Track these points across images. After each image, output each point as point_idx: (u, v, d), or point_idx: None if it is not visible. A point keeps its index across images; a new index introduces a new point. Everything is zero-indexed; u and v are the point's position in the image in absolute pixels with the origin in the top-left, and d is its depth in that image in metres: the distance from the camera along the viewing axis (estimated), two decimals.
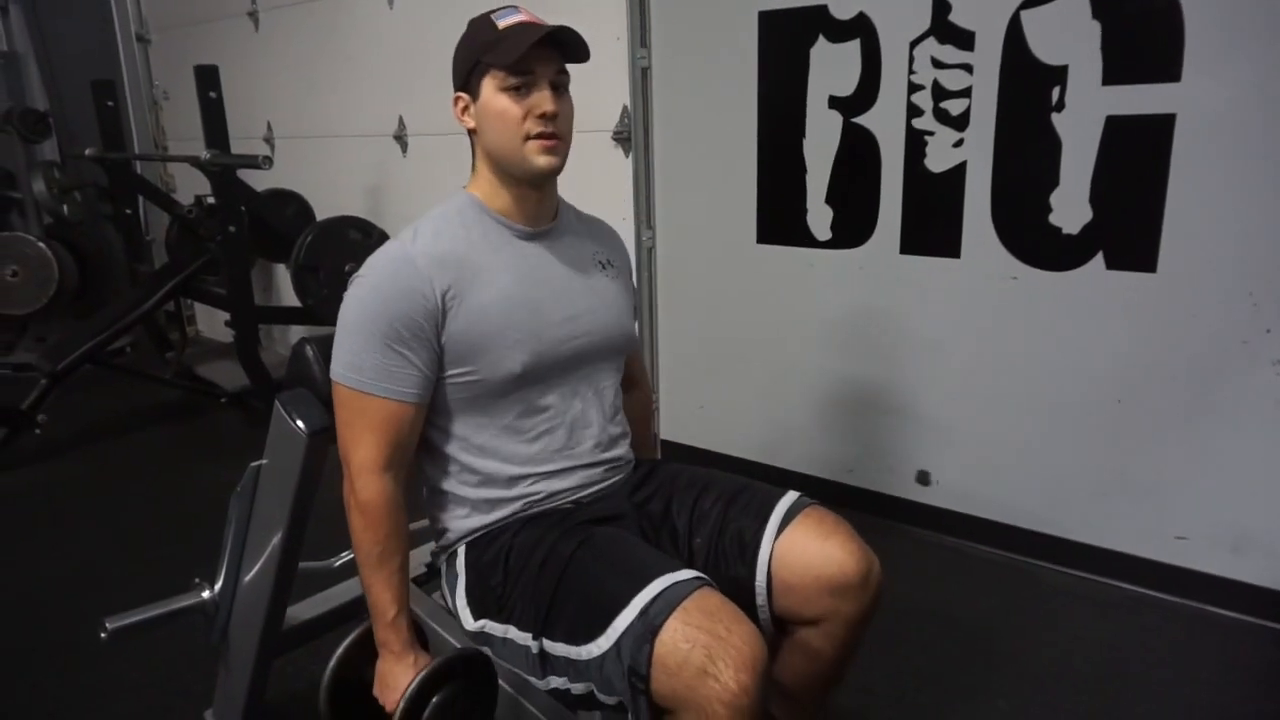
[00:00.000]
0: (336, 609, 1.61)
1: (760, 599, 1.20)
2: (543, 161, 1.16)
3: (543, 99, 1.14)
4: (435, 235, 1.18)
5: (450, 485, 1.24)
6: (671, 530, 1.28)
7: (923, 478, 2.41)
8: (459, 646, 1.21)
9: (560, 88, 1.17)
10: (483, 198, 1.23)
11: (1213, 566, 2.02)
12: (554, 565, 1.13)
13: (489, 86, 1.16)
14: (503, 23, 1.15)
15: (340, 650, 1.22)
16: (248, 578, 1.41)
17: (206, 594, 1.45)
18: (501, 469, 1.22)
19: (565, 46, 1.15)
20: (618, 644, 1.03)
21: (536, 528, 1.20)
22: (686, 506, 1.28)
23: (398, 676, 1.13)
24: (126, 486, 2.94)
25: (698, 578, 1.06)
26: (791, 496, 1.26)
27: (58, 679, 1.87)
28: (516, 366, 1.17)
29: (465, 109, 1.21)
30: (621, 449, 1.35)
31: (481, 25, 1.18)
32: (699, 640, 0.97)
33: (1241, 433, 1.93)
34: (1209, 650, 1.91)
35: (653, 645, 0.99)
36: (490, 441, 1.21)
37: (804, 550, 1.18)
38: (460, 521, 1.25)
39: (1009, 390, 2.21)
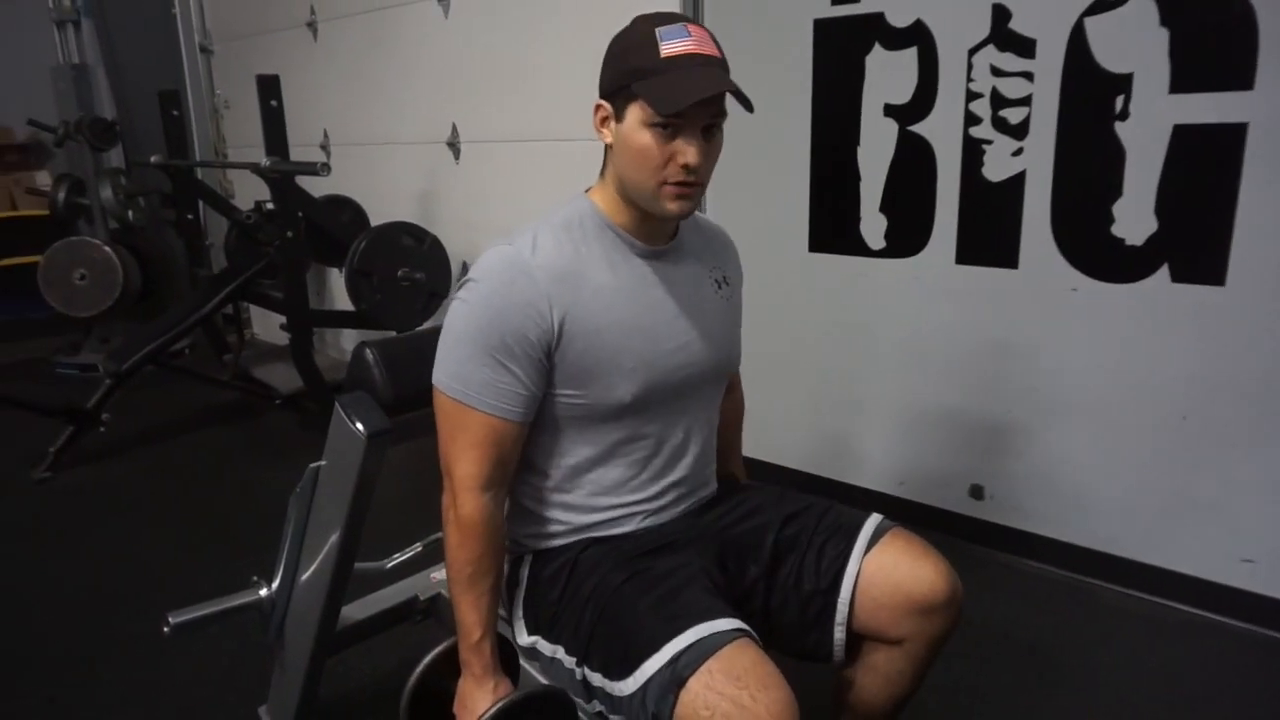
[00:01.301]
0: (389, 610, 1.63)
1: (840, 617, 1.18)
2: (673, 208, 1.08)
3: (689, 149, 1.04)
4: (556, 246, 1.11)
5: (532, 503, 1.22)
6: (747, 547, 1.25)
7: (976, 492, 2.37)
8: (543, 681, 1.20)
9: (713, 128, 1.07)
10: (605, 209, 1.16)
11: None
12: (600, 595, 1.12)
13: (634, 115, 1.05)
14: (667, 48, 1.02)
15: (427, 659, 1.21)
16: (304, 577, 1.43)
17: (264, 592, 1.47)
18: (590, 496, 1.19)
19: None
20: (642, 689, 1.01)
21: (599, 549, 1.18)
22: (766, 523, 1.25)
23: (476, 700, 1.11)
24: (185, 485, 3.01)
25: (737, 629, 1.01)
26: (877, 518, 1.24)
27: (117, 673, 1.91)
28: (627, 396, 1.13)
29: (605, 121, 1.10)
30: (710, 488, 1.32)
31: (643, 40, 1.04)
32: (719, 708, 0.94)
33: None
34: (1277, 678, 1.84)
35: (677, 698, 0.96)
36: (585, 464, 1.18)
37: (894, 569, 1.17)
38: (533, 539, 1.23)
39: (1068, 404, 2.16)
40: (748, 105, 1.06)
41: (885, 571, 1.17)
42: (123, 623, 2.09)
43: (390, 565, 1.62)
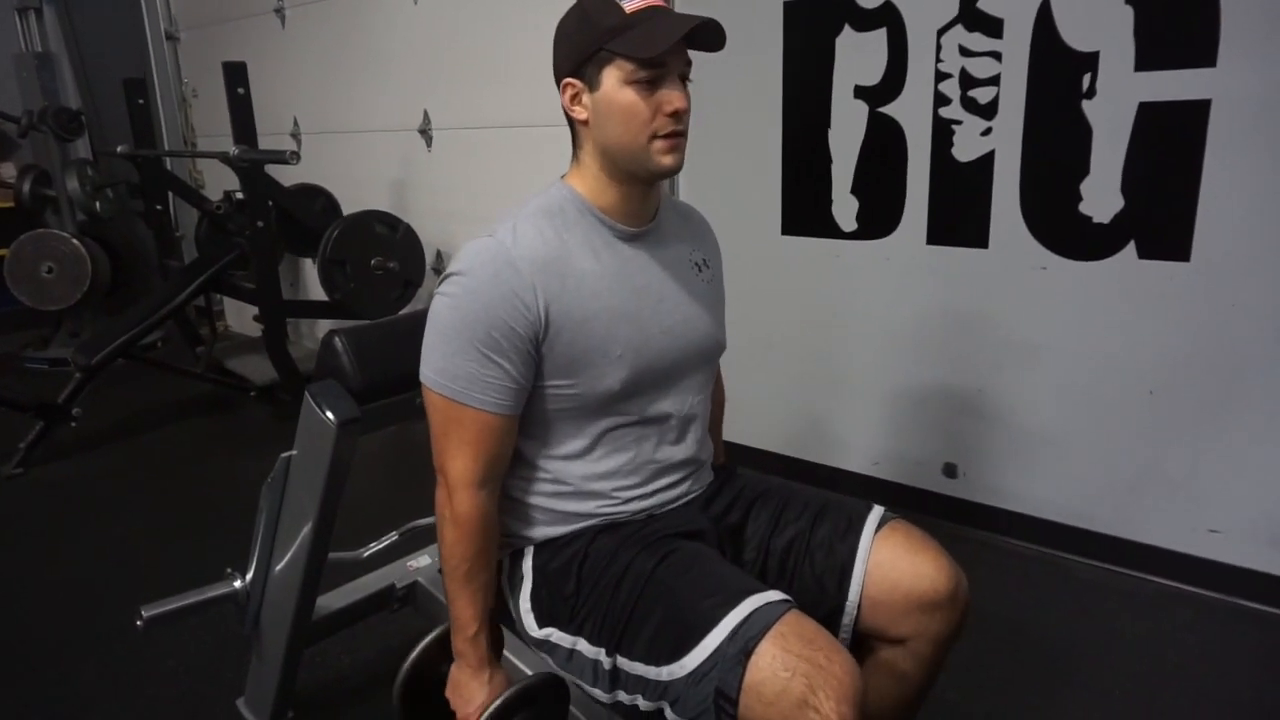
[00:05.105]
0: (366, 599, 1.63)
1: (848, 617, 1.16)
2: (668, 161, 1.08)
3: (674, 95, 1.05)
4: (538, 235, 1.08)
5: (525, 494, 1.19)
6: (752, 545, 1.23)
7: (950, 470, 2.39)
8: (531, 671, 1.19)
9: (685, 79, 1.08)
10: (585, 193, 1.14)
11: (1248, 560, 1.98)
12: (633, 580, 1.08)
13: (612, 77, 1.05)
14: (630, 5, 1.03)
15: (422, 644, 1.20)
16: (278, 568, 1.43)
17: (238, 584, 1.47)
18: (583, 483, 1.16)
19: (698, 36, 1.04)
20: (703, 666, 0.98)
21: (611, 537, 1.15)
22: (767, 519, 1.24)
23: (473, 690, 1.11)
24: (158, 478, 2.98)
25: (785, 600, 1.00)
26: (879, 511, 1.21)
27: (93, 667, 1.90)
28: (616, 384, 1.11)
29: (575, 97, 1.09)
30: (705, 465, 1.30)
31: (602, 6, 1.05)
32: (799, 669, 0.92)
33: (1278, 425, 1.89)
34: (1247, 645, 1.88)
35: (745, 668, 0.94)
36: (575, 453, 1.16)
37: (893, 566, 1.14)
38: (530, 529, 1.19)
39: (1038, 382, 2.18)
40: (721, 41, 1.07)
41: (884, 568, 1.14)
42: (98, 617, 2.07)
43: (366, 554, 1.62)
